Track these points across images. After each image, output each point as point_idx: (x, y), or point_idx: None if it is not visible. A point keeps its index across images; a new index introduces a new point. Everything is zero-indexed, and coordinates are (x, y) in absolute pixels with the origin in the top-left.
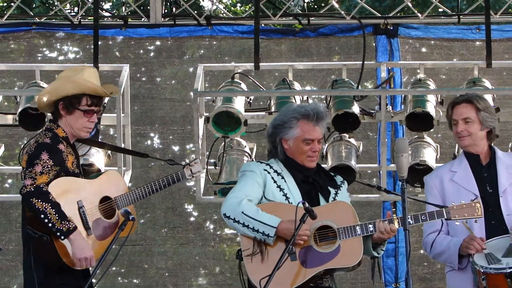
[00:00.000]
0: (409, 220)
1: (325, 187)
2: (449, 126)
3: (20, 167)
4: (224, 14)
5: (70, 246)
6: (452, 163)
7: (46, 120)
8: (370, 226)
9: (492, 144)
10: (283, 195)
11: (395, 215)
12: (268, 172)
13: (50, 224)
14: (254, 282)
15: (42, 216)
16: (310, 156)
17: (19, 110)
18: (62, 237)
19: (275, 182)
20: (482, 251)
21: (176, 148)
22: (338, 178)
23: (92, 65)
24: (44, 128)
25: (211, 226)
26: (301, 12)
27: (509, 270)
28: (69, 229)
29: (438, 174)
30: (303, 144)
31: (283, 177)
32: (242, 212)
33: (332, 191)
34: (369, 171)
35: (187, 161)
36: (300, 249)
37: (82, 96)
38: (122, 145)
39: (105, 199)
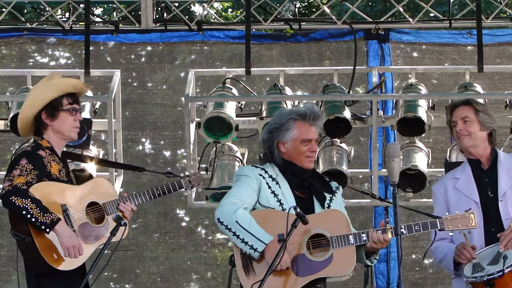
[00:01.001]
0: (403, 230)
1: (320, 191)
2: (450, 131)
3: None
4: (215, 20)
5: (57, 237)
6: (456, 170)
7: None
8: (364, 235)
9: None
10: (277, 201)
11: (388, 225)
12: (263, 177)
13: (33, 219)
14: None
15: (24, 212)
16: (309, 156)
17: (11, 115)
18: (48, 230)
19: (269, 187)
20: (472, 260)
21: (167, 154)
22: (333, 184)
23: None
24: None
25: (203, 231)
26: (292, 17)
27: (486, 278)
28: (53, 220)
29: (444, 182)
30: (302, 145)
31: (277, 183)
32: (236, 221)
33: (327, 196)
34: (360, 176)
35: (187, 173)
36: (293, 257)
37: (62, 98)
38: (114, 150)
39: (92, 205)
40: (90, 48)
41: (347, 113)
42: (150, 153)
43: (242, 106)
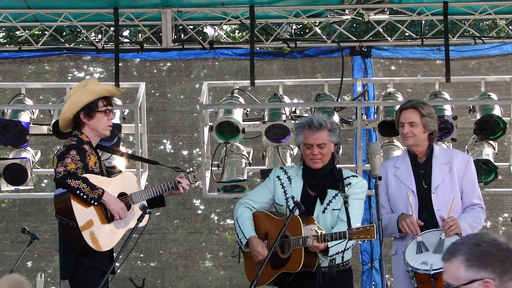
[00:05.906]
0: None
1: (323, 190)
2: (396, 127)
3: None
4: (225, 39)
5: (106, 206)
6: (397, 158)
7: None
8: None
9: (434, 144)
10: (285, 199)
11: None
12: (280, 179)
13: (85, 196)
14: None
15: (78, 192)
16: (312, 158)
17: (53, 121)
18: (96, 203)
19: (283, 187)
20: (416, 237)
21: (185, 153)
22: (348, 180)
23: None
24: (70, 136)
25: (215, 218)
26: (289, 37)
27: (432, 272)
28: (99, 194)
29: (385, 167)
30: (305, 148)
31: (291, 182)
32: (237, 218)
33: (332, 193)
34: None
35: (191, 169)
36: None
37: (97, 101)
38: (140, 150)
39: (121, 195)
40: (119, 64)
41: (336, 118)
42: (170, 152)
43: (247, 112)
